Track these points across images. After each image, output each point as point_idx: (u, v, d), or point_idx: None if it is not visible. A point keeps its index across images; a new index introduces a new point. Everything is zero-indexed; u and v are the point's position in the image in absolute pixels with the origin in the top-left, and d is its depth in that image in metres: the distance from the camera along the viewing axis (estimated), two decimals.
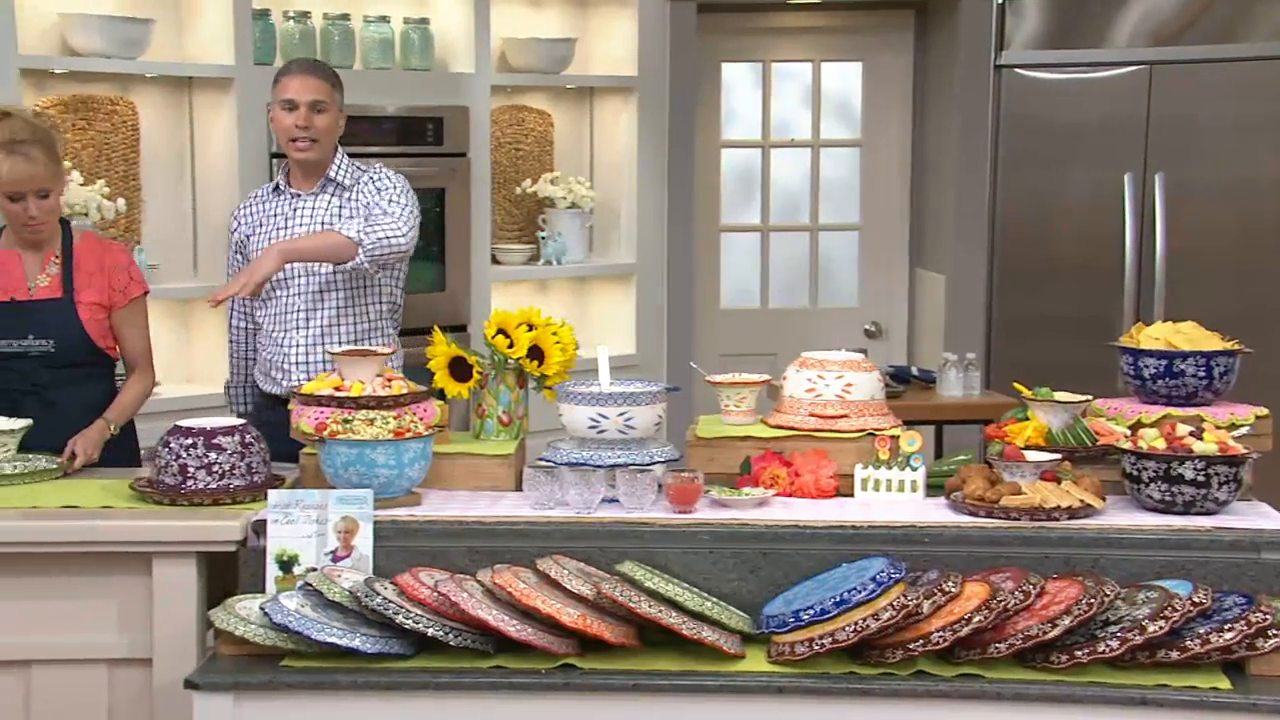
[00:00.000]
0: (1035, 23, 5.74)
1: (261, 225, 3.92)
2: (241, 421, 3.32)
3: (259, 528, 3.02)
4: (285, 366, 3.89)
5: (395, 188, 3.86)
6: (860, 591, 2.80)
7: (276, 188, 3.95)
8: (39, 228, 3.54)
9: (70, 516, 3.11)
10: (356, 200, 3.88)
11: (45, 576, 3.05)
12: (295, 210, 3.90)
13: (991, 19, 5.71)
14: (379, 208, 3.81)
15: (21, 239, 3.59)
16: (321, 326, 3.88)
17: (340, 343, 3.87)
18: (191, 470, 3.17)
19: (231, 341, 4.08)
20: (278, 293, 3.88)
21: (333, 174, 3.90)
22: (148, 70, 4.61)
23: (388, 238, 3.74)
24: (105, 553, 3.05)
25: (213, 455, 3.18)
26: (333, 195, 3.90)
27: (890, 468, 3.23)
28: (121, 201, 4.53)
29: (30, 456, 3.44)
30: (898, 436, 3.27)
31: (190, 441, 3.19)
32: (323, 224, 3.87)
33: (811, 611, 2.81)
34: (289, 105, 3.81)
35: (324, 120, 3.84)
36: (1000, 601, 2.77)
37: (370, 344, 3.84)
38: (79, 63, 4.46)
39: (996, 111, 5.75)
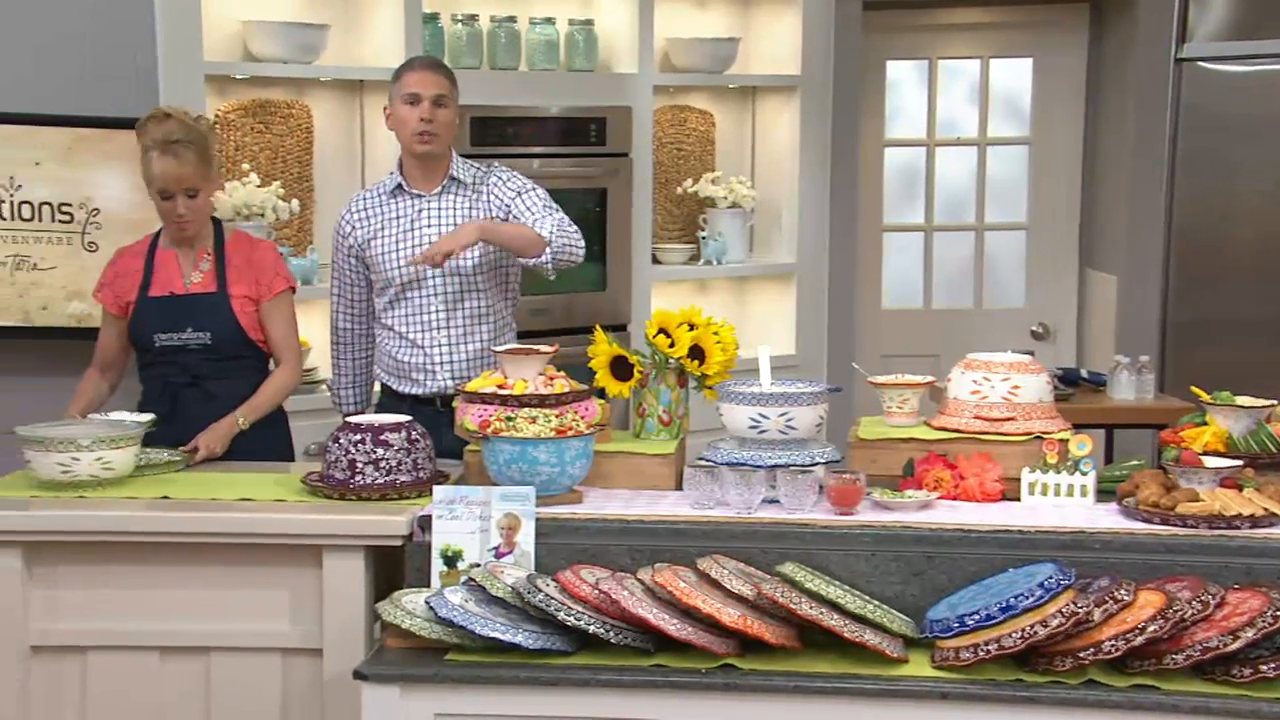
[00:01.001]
0: (1220, 14, 5.54)
1: (384, 229, 3.91)
2: (409, 419, 3.37)
3: (424, 523, 3.06)
4: (429, 368, 3.90)
5: (539, 193, 3.87)
6: (1028, 597, 2.74)
7: (398, 188, 3.93)
8: (187, 225, 3.67)
9: (246, 509, 3.19)
10: (488, 201, 3.87)
11: (223, 566, 3.14)
12: (420, 211, 3.90)
13: (1173, 11, 5.53)
14: (535, 212, 3.80)
15: (172, 236, 3.72)
16: (462, 326, 3.89)
17: (482, 342, 3.89)
18: (360, 466, 3.24)
19: (339, 343, 4.06)
20: (410, 294, 3.89)
21: (455, 173, 3.90)
22: (322, 74, 4.73)
23: (574, 245, 3.78)
24: (278, 545, 3.13)
25: (380, 451, 3.24)
26: (457, 195, 3.89)
27: (1059, 472, 3.16)
28: (295, 203, 4.65)
29: (153, 450, 3.54)
30: (1067, 440, 3.19)
31: (359, 438, 3.26)
32: (454, 224, 3.86)
33: (977, 617, 2.76)
34: (412, 99, 3.82)
35: (445, 115, 3.85)
36: (1177, 611, 2.68)
37: (503, 342, 3.87)
38: (258, 68, 4.60)
39: (1176, 107, 5.57)
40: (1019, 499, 3.17)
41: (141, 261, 3.73)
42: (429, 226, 3.88)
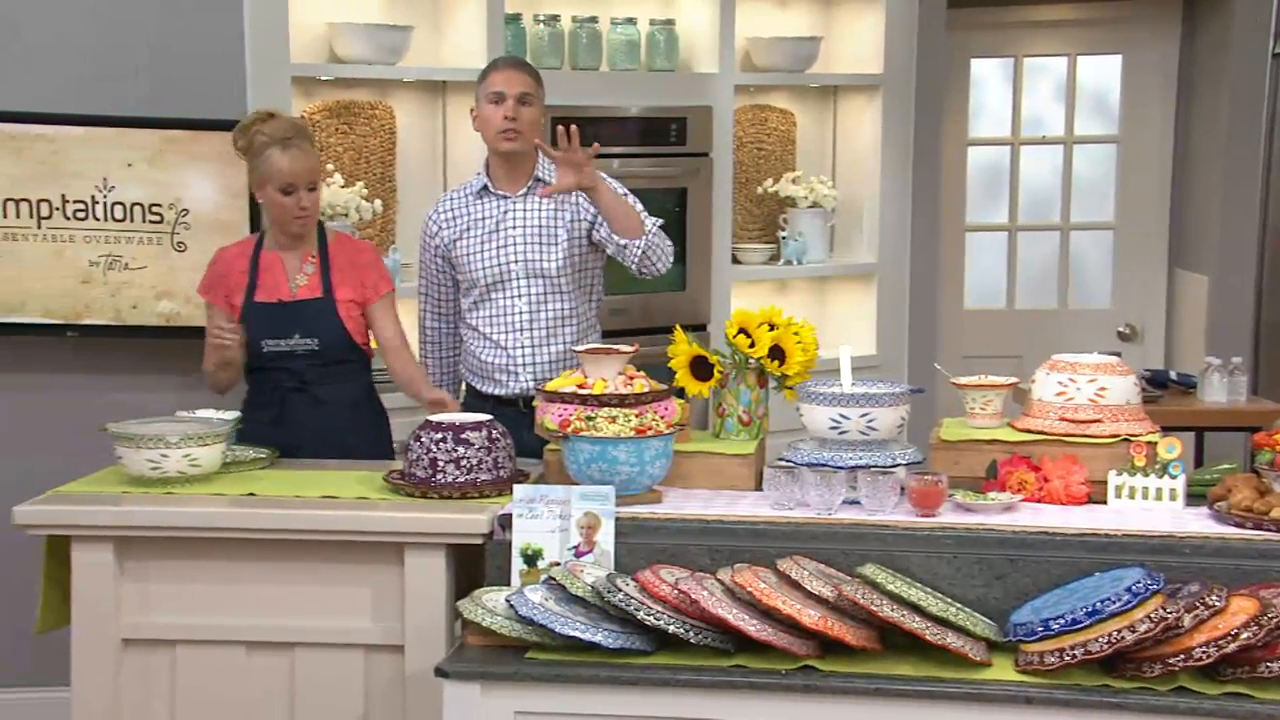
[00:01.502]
0: None
1: (470, 229, 3.92)
2: (489, 418, 3.38)
3: (505, 522, 3.07)
4: (512, 369, 3.91)
5: (634, 199, 3.86)
6: (1115, 602, 2.69)
7: (484, 189, 3.94)
8: (307, 220, 3.70)
9: (329, 507, 3.22)
10: (575, 202, 3.87)
11: (307, 563, 3.17)
12: (506, 213, 3.90)
13: (1271, 5, 5.42)
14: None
15: (289, 233, 3.73)
16: (546, 328, 3.90)
17: (565, 344, 3.90)
18: (441, 464, 3.26)
19: (426, 342, 4.08)
20: (494, 295, 3.90)
21: (540, 174, 3.91)
22: (405, 75, 4.76)
23: (665, 248, 3.80)
24: (361, 542, 3.15)
25: (461, 450, 3.26)
26: (541, 196, 3.89)
27: (1147, 475, 3.11)
28: (378, 203, 4.69)
29: (240, 448, 3.59)
30: (1155, 443, 3.14)
31: (440, 436, 3.27)
32: (539, 226, 3.88)
33: (1062, 621, 2.72)
34: (497, 98, 3.83)
35: (530, 113, 3.85)
36: (1272, 618, 2.63)
37: (587, 344, 3.87)
38: (343, 69, 4.64)
39: (1272, 103, 5.46)
40: (1105, 502, 3.12)
41: (246, 263, 3.75)
42: (514, 228, 3.89)
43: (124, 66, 4.25)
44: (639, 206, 3.86)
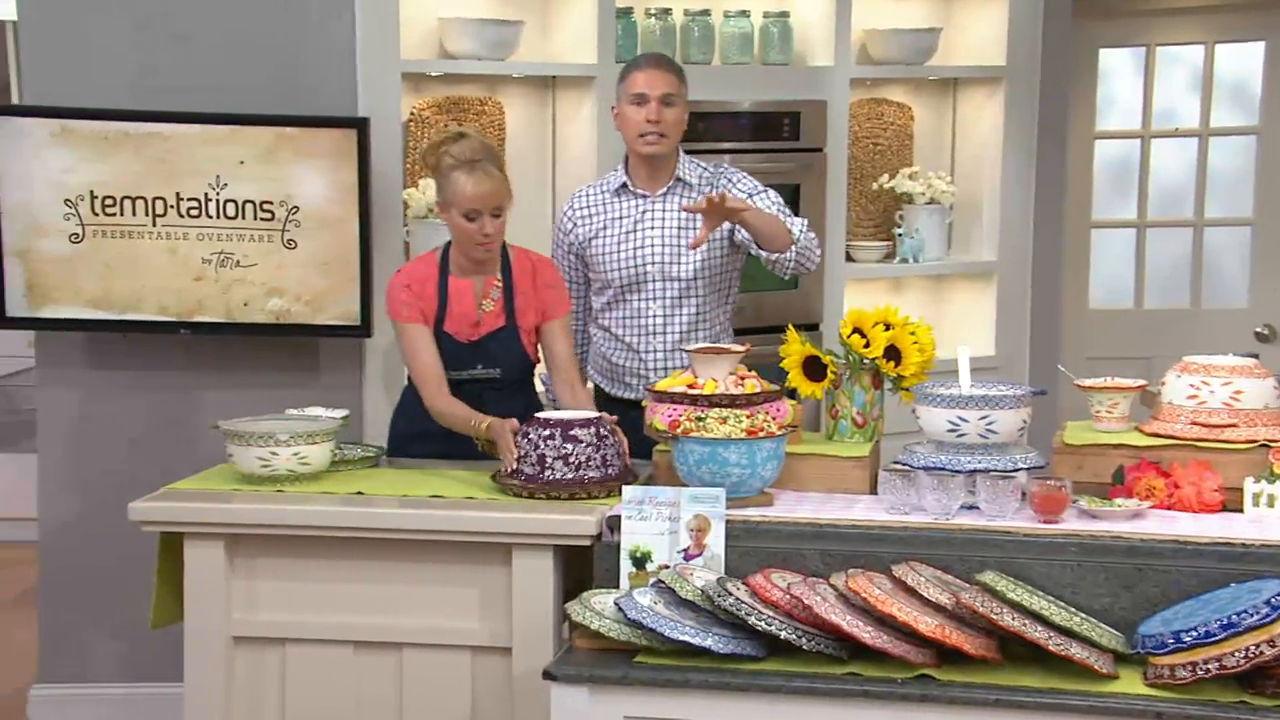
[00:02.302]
0: None
1: (606, 228, 3.88)
2: (598, 414, 3.35)
3: (613, 523, 3.04)
4: (643, 373, 3.87)
5: (773, 195, 3.80)
6: (1252, 615, 2.59)
7: (622, 187, 3.90)
8: (491, 246, 3.60)
9: (436, 506, 3.21)
10: None
11: (414, 563, 3.17)
12: (644, 213, 3.86)
13: None
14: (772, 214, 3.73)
15: (472, 259, 3.63)
16: (680, 332, 3.85)
17: None
18: (549, 461, 3.23)
19: None
20: (628, 297, 3.87)
21: (681, 174, 3.86)
22: (515, 70, 4.76)
23: (814, 250, 3.75)
24: (468, 543, 3.14)
25: (569, 447, 3.23)
26: (683, 197, 3.85)
27: None
28: None
29: (348, 446, 3.59)
30: None
31: (548, 432, 3.25)
32: (677, 228, 3.84)
33: (1194, 633, 2.64)
34: (639, 99, 3.77)
35: (673, 114, 3.80)
36: None
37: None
38: (454, 65, 4.64)
39: None
40: (1241, 510, 3.02)
41: (434, 288, 3.65)
42: (652, 229, 3.84)
43: (238, 64, 4.29)
44: (779, 204, 3.79)
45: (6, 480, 6.33)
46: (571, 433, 3.24)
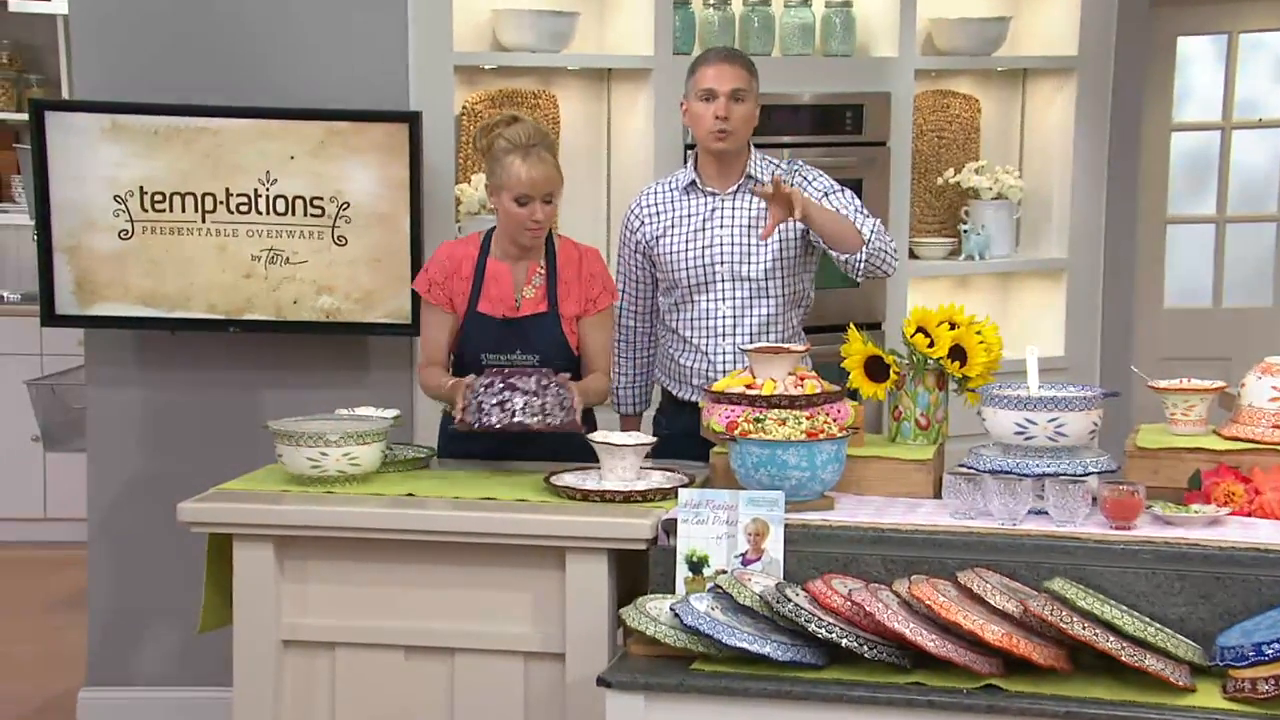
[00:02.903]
0: None
1: (674, 226, 3.80)
2: (544, 369, 3.33)
3: (669, 527, 3.00)
4: (712, 376, 3.76)
5: (848, 194, 3.71)
6: None
7: (691, 184, 3.82)
8: (539, 232, 3.55)
9: (489, 509, 3.17)
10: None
11: (465, 566, 3.13)
12: (714, 211, 3.78)
13: None
14: (846, 213, 3.64)
15: (518, 244, 3.59)
16: (749, 335, 3.77)
17: None
18: (486, 408, 3.24)
19: (622, 340, 3.93)
20: (697, 297, 3.79)
21: (752, 171, 3.78)
22: (570, 63, 4.71)
23: (889, 252, 3.65)
24: (521, 546, 3.10)
25: (507, 394, 3.24)
26: (752, 194, 3.78)
27: None
28: None
29: (399, 446, 3.56)
30: None
31: (488, 380, 3.26)
32: (747, 226, 3.76)
33: (1276, 646, 2.58)
34: (708, 95, 3.70)
35: (743, 110, 3.72)
36: None
37: None
38: (507, 58, 4.62)
39: None
40: None
41: (472, 268, 3.62)
42: (721, 227, 3.76)
43: (288, 58, 4.28)
44: (855, 205, 3.71)
45: (56, 481, 6.35)
46: (511, 379, 3.25)
